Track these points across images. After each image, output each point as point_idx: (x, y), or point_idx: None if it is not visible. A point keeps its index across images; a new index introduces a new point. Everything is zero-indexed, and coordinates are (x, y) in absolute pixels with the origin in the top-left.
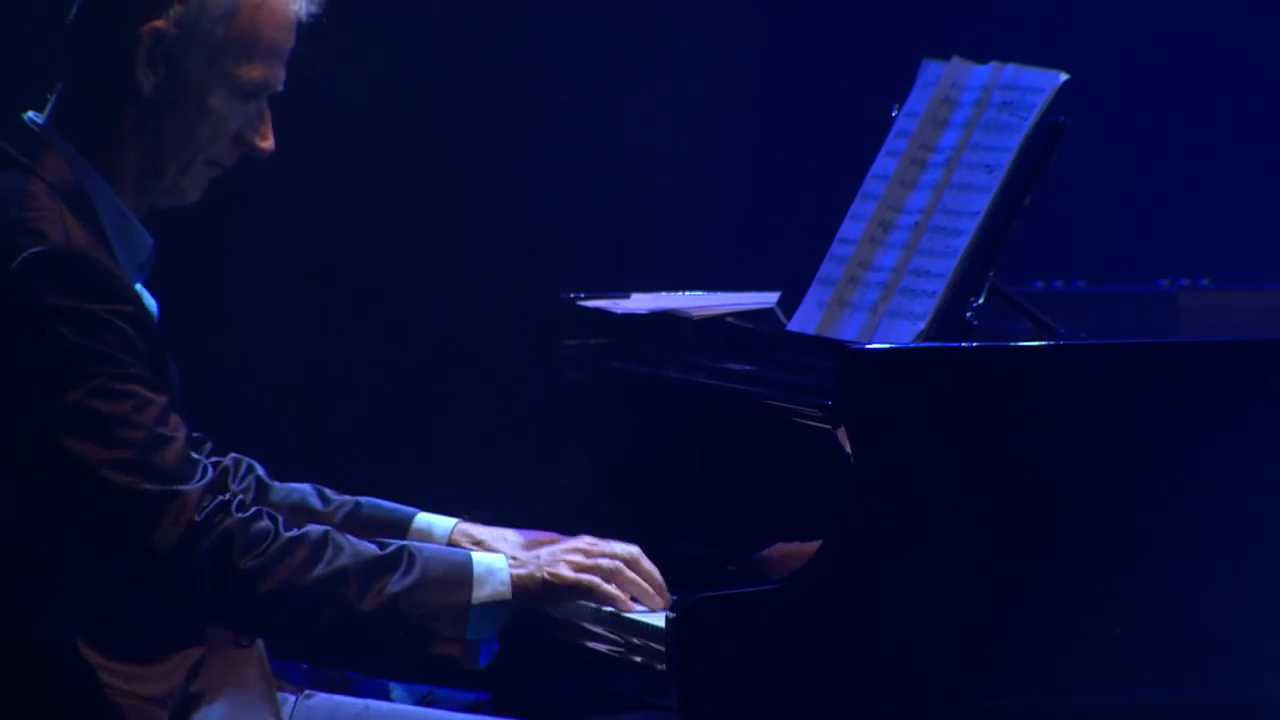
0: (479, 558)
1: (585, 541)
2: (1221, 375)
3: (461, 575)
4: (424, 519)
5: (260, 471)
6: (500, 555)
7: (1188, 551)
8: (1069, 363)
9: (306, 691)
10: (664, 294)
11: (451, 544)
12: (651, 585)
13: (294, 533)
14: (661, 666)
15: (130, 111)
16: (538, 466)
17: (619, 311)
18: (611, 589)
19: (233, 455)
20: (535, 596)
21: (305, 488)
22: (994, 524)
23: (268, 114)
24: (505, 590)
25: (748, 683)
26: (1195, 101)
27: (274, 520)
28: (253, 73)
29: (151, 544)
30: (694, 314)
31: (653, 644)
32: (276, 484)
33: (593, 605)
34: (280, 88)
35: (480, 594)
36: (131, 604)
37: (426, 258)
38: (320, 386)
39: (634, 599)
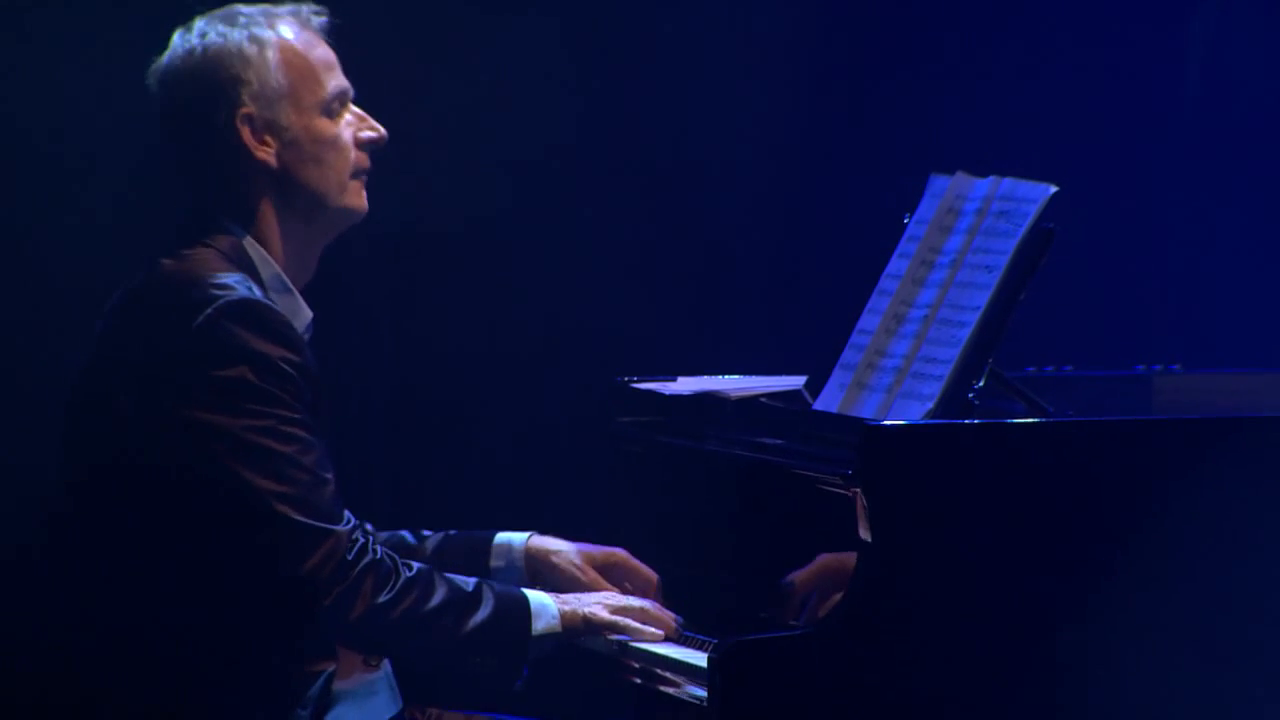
0: (532, 595)
1: (609, 594)
2: (1191, 448)
3: (522, 611)
4: (503, 536)
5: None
6: (548, 595)
7: (1162, 596)
8: (1058, 438)
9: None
10: (706, 377)
11: (528, 551)
12: (664, 626)
13: (410, 572)
14: (690, 701)
15: (269, 185)
16: (595, 528)
17: (667, 392)
18: (639, 627)
19: None
20: (576, 630)
21: (397, 532)
22: (993, 576)
23: (361, 112)
24: (556, 624)
25: (780, 715)
26: (1168, 213)
27: (394, 561)
28: (326, 89)
29: (307, 573)
30: (732, 394)
31: (692, 680)
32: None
33: (627, 641)
34: (352, 90)
35: (537, 626)
36: (279, 619)
37: (495, 346)
38: (385, 467)
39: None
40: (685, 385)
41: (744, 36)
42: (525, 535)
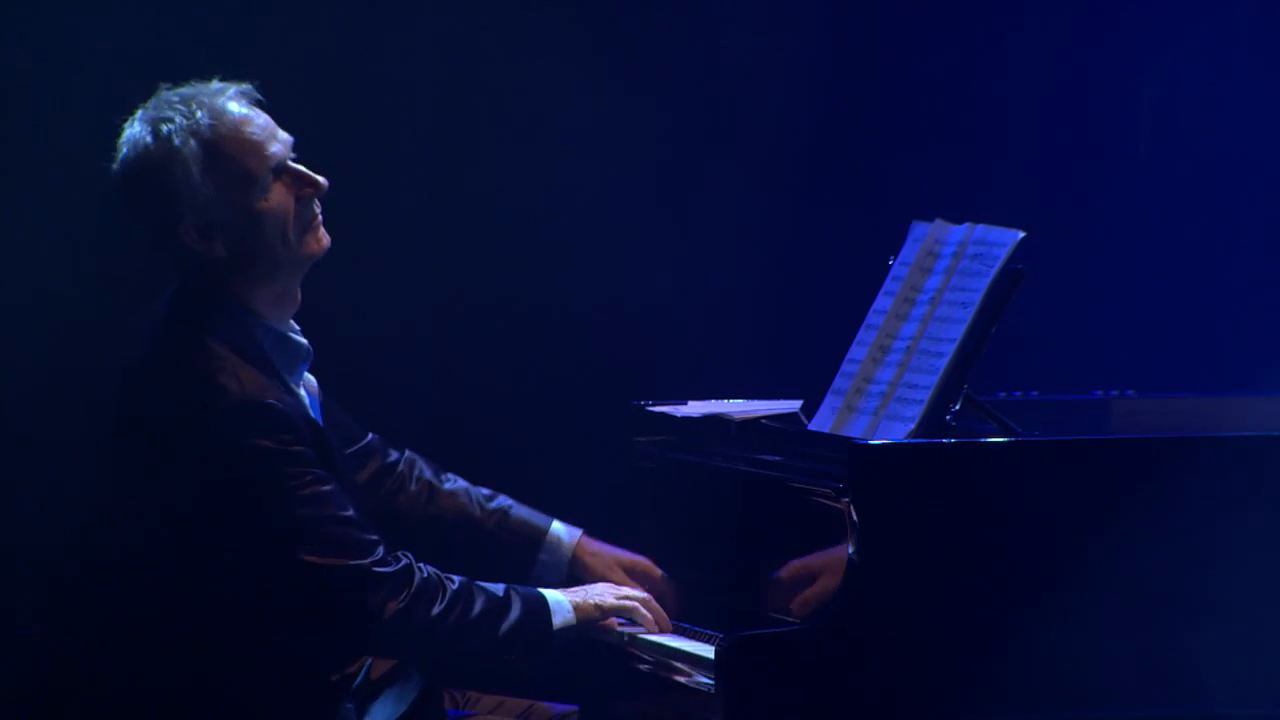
0: (549, 594)
1: (610, 585)
2: (1142, 463)
3: (544, 610)
4: (557, 527)
5: (429, 473)
6: (560, 591)
7: (1124, 594)
8: (1026, 455)
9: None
10: (713, 401)
11: (576, 550)
12: (661, 617)
13: (454, 585)
14: (697, 688)
15: (229, 268)
16: (615, 535)
17: (678, 414)
18: (644, 611)
19: (408, 454)
20: (590, 617)
21: (465, 492)
22: (967, 575)
23: (299, 168)
24: (571, 618)
25: (779, 701)
26: (1120, 256)
27: (439, 577)
28: (256, 174)
29: (373, 607)
30: (736, 416)
31: (698, 669)
32: (445, 486)
33: (636, 633)
34: (288, 147)
35: (556, 622)
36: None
37: (525, 372)
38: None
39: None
40: (694, 408)
41: (747, 86)
42: (576, 536)
